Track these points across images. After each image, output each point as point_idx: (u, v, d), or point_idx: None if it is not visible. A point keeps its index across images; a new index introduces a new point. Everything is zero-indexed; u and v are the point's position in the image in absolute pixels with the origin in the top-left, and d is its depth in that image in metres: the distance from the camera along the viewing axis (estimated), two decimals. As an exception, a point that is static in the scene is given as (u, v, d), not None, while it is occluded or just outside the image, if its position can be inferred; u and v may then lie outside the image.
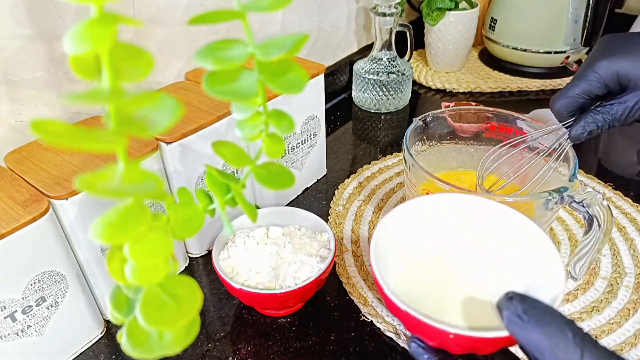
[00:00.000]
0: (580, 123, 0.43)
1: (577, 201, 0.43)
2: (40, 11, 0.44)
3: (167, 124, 0.18)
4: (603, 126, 0.43)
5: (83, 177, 0.16)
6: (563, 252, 0.54)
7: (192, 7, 0.57)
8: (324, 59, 0.84)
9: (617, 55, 0.41)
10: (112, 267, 0.20)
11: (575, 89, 0.43)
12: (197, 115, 0.49)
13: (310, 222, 0.51)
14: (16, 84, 0.44)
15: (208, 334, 0.47)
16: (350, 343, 0.45)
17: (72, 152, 0.43)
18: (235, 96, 0.22)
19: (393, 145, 0.76)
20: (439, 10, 0.88)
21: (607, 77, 0.42)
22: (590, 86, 0.42)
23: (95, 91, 0.17)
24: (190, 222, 0.24)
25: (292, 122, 0.26)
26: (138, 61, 0.18)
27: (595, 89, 0.43)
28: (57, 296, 0.41)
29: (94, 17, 0.17)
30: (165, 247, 0.19)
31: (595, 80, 0.42)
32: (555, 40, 0.89)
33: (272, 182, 0.26)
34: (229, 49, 0.22)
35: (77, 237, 0.41)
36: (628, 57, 0.41)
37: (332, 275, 0.52)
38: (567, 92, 0.44)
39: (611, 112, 0.42)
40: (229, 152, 0.25)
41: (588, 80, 0.42)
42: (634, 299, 0.48)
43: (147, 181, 0.18)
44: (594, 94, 0.43)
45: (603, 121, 0.42)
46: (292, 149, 0.60)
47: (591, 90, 0.43)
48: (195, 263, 0.55)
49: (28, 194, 0.39)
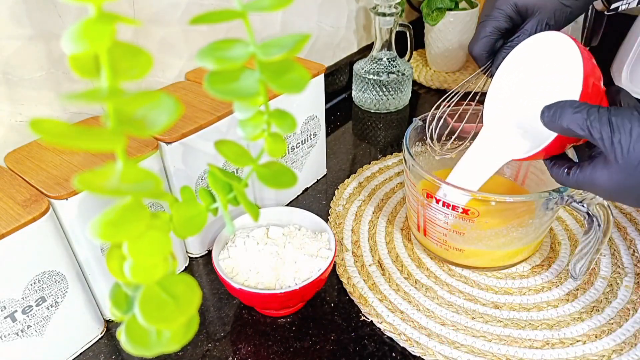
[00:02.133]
0: (498, 59, 0.48)
1: (577, 201, 0.43)
2: (40, 11, 0.44)
3: (165, 123, 0.18)
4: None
5: (82, 175, 0.16)
6: (563, 252, 0.54)
7: (192, 7, 0.57)
8: (324, 59, 0.84)
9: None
10: (111, 265, 0.20)
11: (486, 29, 0.47)
12: (197, 115, 0.49)
13: (310, 222, 0.51)
14: (16, 84, 0.44)
15: (208, 334, 0.47)
16: (350, 343, 0.45)
17: (72, 152, 0.43)
18: (237, 96, 0.22)
19: (393, 145, 0.76)
20: (439, 10, 0.88)
21: (508, 10, 0.47)
22: (498, 22, 0.47)
23: (94, 91, 0.17)
24: (193, 221, 0.24)
25: (294, 121, 0.26)
26: (137, 60, 0.18)
27: (502, 24, 0.47)
28: (57, 296, 0.41)
29: (92, 17, 0.17)
30: (164, 246, 0.20)
31: (500, 15, 0.47)
32: (555, 40, 0.89)
33: (274, 181, 0.26)
34: (230, 49, 0.22)
35: (77, 237, 0.41)
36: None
37: (332, 275, 0.52)
38: (480, 34, 0.48)
39: (520, 41, 0.46)
40: (231, 151, 0.25)
41: (494, 17, 0.47)
42: (633, 299, 0.48)
43: (146, 180, 0.18)
44: (502, 29, 0.47)
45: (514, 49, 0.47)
46: (292, 149, 0.60)
47: (499, 26, 0.47)
48: (195, 263, 0.55)
49: (28, 194, 0.39)
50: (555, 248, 0.54)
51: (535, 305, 0.48)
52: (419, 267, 0.53)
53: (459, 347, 0.44)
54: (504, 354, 0.43)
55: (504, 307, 0.48)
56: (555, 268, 0.52)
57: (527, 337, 0.45)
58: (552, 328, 0.46)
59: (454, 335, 0.45)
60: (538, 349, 0.44)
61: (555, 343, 0.44)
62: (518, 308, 0.48)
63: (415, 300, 0.49)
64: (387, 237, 0.57)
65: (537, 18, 0.46)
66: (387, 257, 0.54)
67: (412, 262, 0.53)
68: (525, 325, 0.46)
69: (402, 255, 0.54)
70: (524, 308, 0.48)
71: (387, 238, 0.57)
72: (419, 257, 0.54)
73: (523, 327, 0.46)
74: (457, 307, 0.48)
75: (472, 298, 0.49)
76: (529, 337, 0.45)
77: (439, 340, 0.45)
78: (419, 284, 0.51)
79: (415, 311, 0.48)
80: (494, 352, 0.44)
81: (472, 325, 0.46)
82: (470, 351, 0.44)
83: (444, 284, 0.51)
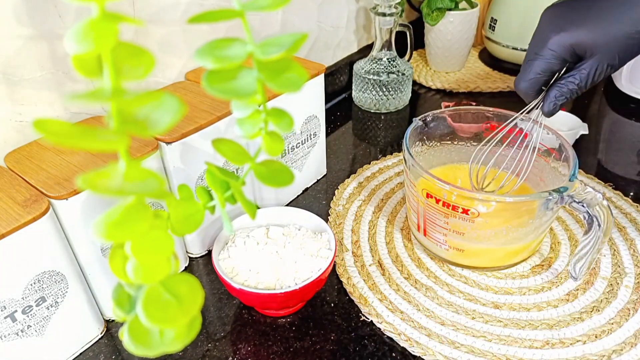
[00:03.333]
0: (549, 99, 0.44)
1: (577, 201, 0.44)
2: (41, 11, 0.44)
3: (168, 123, 0.18)
4: (571, 96, 0.44)
5: (85, 176, 0.16)
6: (563, 252, 0.54)
7: (192, 7, 0.57)
8: (324, 59, 0.84)
9: (568, 28, 0.42)
10: (114, 265, 0.20)
11: (536, 69, 0.44)
12: (197, 115, 0.49)
13: (310, 222, 0.51)
14: (16, 84, 0.44)
15: (208, 334, 0.47)
16: (350, 343, 0.45)
17: (72, 152, 0.43)
18: (235, 94, 0.22)
19: (393, 145, 0.76)
20: (439, 10, 0.88)
21: (563, 52, 0.42)
22: (549, 64, 0.43)
23: (97, 91, 0.17)
24: (190, 219, 0.24)
25: (292, 120, 0.26)
26: (139, 60, 0.18)
27: (554, 66, 0.43)
28: (57, 296, 0.41)
29: (96, 17, 0.17)
30: (166, 245, 0.20)
31: (553, 57, 0.43)
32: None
33: (271, 179, 0.26)
34: (229, 48, 0.22)
35: (77, 236, 0.41)
36: (578, 27, 0.41)
37: (332, 275, 0.52)
38: (529, 74, 0.45)
39: (575, 82, 0.43)
40: (229, 150, 0.25)
41: (545, 58, 0.43)
42: (633, 299, 0.48)
43: (149, 180, 0.18)
44: (556, 69, 0.44)
45: (569, 92, 0.44)
46: (292, 149, 0.60)
47: (551, 68, 0.44)
48: (195, 263, 0.55)
49: (28, 194, 0.39)
50: (555, 248, 0.55)
51: (535, 305, 0.48)
52: (419, 267, 0.53)
53: (459, 347, 0.44)
54: (504, 354, 0.43)
55: (504, 307, 0.48)
56: (555, 268, 0.52)
57: (527, 337, 0.45)
58: (552, 328, 0.46)
59: (454, 335, 0.45)
60: (538, 349, 0.44)
61: (555, 343, 0.44)
62: (518, 308, 0.48)
63: (415, 300, 0.49)
64: (387, 237, 0.57)
65: (597, 59, 0.41)
66: (387, 257, 0.54)
67: (412, 262, 0.53)
68: (525, 325, 0.46)
69: (402, 255, 0.54)
70: (524, 308, 0.48)
71: (387, 238, 0.57)
72: (419, 257, 0.54)
73: (523, 327, 0.46)
74: (457, 307, 0.48)
75: (472, 298, 0.49)
76: (529, 337, 0.45)
77: (439, 340, 0.45)
78: (419, 284, 0.51)
79: (415, 311, 0.48)
80: (494, 352, 0.44)
81: (472, 325, 0.46)
82: (470, 351, 0.44)
83: (444, 284, 0.51)
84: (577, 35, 0.41)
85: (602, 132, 0.77)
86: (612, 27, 0.40)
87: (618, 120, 0.80)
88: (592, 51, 0.41)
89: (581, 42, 0.41)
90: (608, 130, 0.78)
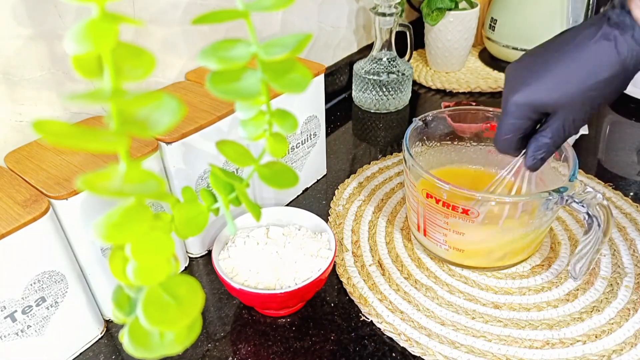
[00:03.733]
0: (529, 154, 0.43)
1: (577, 201, 0.43)
2: (41, 11, 0.44)
3: (169, 124, 0.18)
4: (550, 149, 0.42)
5: (85, 177, 0.16)
6: (563, 252, 0.54)
7: (193, 7, 0.57)
8: (324, 59, 0.84)
9: (523, 89, 0.40)
10: (114, 266, 0.20)
11: (507, 129, 0.43)
12: (198, 115, 0.49)
13: (310, 222, 0.51)
14: (16, 84, 0.44)
15: (208, 334, 0.47)
16: (350, 343, 0.45)
17: (72, 152, 0.43)
18: (239, 95, 0.22)
19: (393, 145, 0.76)
20: (439, 10, 0.88)
21: (525, 111, 0.41)
22: (517, 123, 0.42)
23: (97, 91, 0.17)
24: (194, 221, 0.24)
25: (296, 121, 0.26)
26: (139, 61, 0.18)
27: (522, 124, 0.42)
28: (57, 296, 0.41)
29: (96, 17, 0.17)
30: (166, 247, 0.19)
31: (519, 117, 0.41)
32: (554, 41, 0.89)
33: (275, 181, 0.26)
34: (233, 49, 0.22)
35: (77, 237, 0.41)
36: (536, 86, 0.40)
37: (332, 275, 0.52)
38: (501, 135, 0.44)
39: (548, 136, 0.41)
40: (233, 151, 0.25)
41: (513, 118, 0.42)
42: (634, 299, 0.48)
43: (149, 181, 0.18)
44: (525, 127, 0.42)
45: (546, 146, 0.42)
46: (292, 149, 0.60)
47: (520, 126, 0.42)
48: (195, 263, 0.55)
49: (28, 194, 0.39)
50: (555, 248, 0.55)
51: (535, 305, 0.48)
52: (419, 267, 0.53)
53: (459, 347, 0.44)
54: (504, 354, 0.43)
55: (504, 307, 0.48)
56: (555, 268, 0.52)
57: (527, 337, 0.45)
58: (552, 328, 0.46)
59: (454, 335, 0.45)
60: (538, 349, 0.44)
61: (555, 343, 0.44)
62: (518, 308, 0.48)
63: (415, 300, 0.49)
64: (387, 237, 0.57)
65: (560, 115, 0.40)
66: (387, 257, 0.54)
67: (412, 262, 0.53)
68: (525, 325, 0.46)
69: (402, 255, 0.54)
70: (524, 308, 0.48)
71: (387, 238, 0.57)
72: (419, 257, 0.54)
73: (523, 327, 0.46)
74: (457, 307, 0.48)
75: (472, 298, 0.49)
76: (529, 337, 0.45)
77: (439, 340, 0.45)
78: (419, 284, 0.51)
79: (415, 311, 0.48)
80: (494, 352, 0.44)
81: (472, 325, 0.46)
82: (470, 351, 0.44)
83: (444, 284, 0.51)
84: (534, 95, 0.40)
85: (602, 132, 0.77)
86: (570, 83, 0.38)
87: (618, 120, 0.80)
88: (553, 108, 0.40)
89: (540, 101, 0.40)
90: (608, 130, 0.78)
